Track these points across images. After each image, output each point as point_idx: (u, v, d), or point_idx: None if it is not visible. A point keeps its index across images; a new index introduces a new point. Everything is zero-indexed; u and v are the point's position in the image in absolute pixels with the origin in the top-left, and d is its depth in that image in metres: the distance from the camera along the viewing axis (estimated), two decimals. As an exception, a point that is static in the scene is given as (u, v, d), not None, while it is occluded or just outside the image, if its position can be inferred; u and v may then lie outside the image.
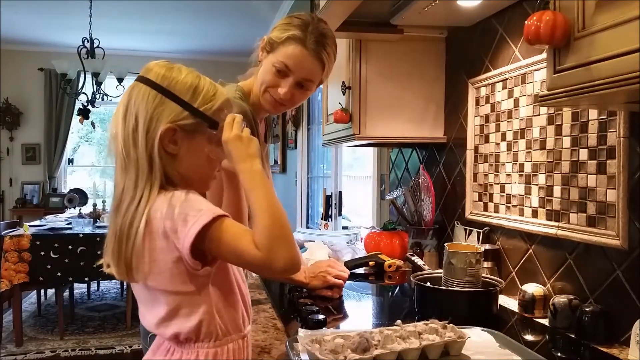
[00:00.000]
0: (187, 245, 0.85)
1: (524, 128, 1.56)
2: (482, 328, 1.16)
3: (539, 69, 1.48)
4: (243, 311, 0.99)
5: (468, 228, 1.83)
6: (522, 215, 1.56)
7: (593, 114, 1.28)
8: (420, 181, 2.09)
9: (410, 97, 2.05)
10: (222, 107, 0.97)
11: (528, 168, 1.54)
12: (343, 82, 2.05)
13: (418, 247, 2.03)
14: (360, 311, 1.57)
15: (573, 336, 1.22)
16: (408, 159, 2.46)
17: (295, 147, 5.19)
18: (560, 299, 1.28)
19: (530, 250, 1.54)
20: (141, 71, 0.95)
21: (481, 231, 1.74)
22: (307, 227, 4.60)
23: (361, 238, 2.53)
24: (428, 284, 1.41)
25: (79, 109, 5.46)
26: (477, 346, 1.07)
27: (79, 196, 6.41)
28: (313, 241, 2.24)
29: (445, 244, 1.43)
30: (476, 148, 1.83)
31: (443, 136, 2.07)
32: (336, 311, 1.44)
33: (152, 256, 0.88)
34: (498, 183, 1.69)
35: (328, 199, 3.78)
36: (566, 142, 1.38)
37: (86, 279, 4.45)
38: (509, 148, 1.64)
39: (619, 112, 1.19)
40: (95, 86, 5.23)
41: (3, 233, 4.17)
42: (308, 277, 1.55)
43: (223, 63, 7.02)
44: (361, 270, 1.93)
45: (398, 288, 1.83)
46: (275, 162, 5.97)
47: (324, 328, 1.20)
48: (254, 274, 1.70)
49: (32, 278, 4.01)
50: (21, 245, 4.00)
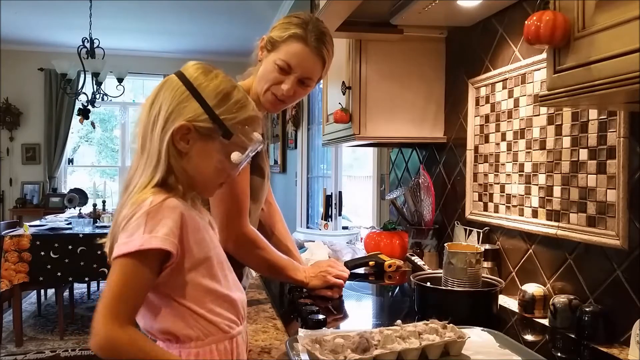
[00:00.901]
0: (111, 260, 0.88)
1: (524, 128, 1.56)
2: (482, 328, 1.16)
3: (539, 69, 1.48)
4: (230, 314, 0.98)
5: (468, 228, 1.83)
6: (522, 215, 1.56)
7: (593, 114, 1.28)
8: (420, 181, 2.09)
9: (410, 97, 2.05)
10: (247, 123, 0.96)
11: (528, 168, 1.54)
12: (343, 82, 2.06)
13: (418, 247, 2.03)
14: (360, 311, 1.57)
15: (573, 336, 1.22)
16: (408, 159, 2.46)
17: (295, 147, 5.19)
18: (560, 299, 1.28)
19: (530, 250, 1.54)
20: (182, 67, 0.99)
21: (481, 231, 1.74)
22: (307, 227, 4.60)
23: (361, 238, 2.53)
24: (428, 284, 1.41)
25: (79, 109, 5.46)
26: (477, 346, 1.07)
27: (79, 196, 6.42)
28: (313, 241, 2.24)
29: (445, 244, 1.43)
30: (476, 148, 1.83)
31: (443, 136, 2.07)
32: (336, 311, 1.44)
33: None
34: (498, 183, 1.69)
35: (328, 199, 3.78)
36: (566, 142, 1.38)
37: (86, 279, 4.44)
38: (509, 148, 1.64)
39: (619, 112, 1.19)
40: (95, 86, 5.23)
41: (3, 233, 4.17)
42: (308, 277, 1.54)
43: (223, 63, 6.94)
44: (361, 270, 1.93)
45: (398, 288, 1.83)
46: (275, 162, 5.97)
47: (324, 328, 1.19)
48: (254, 273, 1.70)
49: (32, 278, 4.01)
50: (21, 245, 4.00)
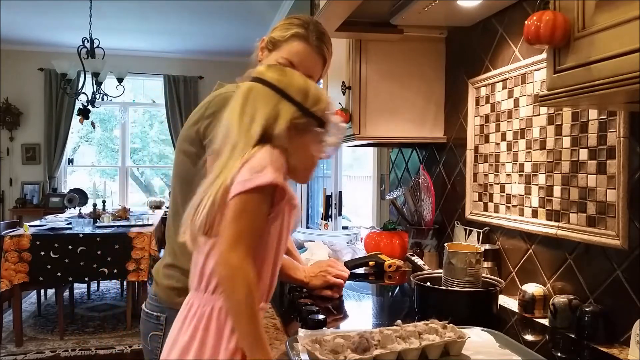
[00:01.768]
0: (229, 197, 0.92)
1: (524, 128, 1.56)
2: (482, 328, 1.16)
3: (539, 69, 1.48)
4: (265, 285, 0.99)
5: (468, 228, 1.83)
6: (522, 215, 1.56)
7: (593, 114, 1.28)
8: (420, 181, 2.09)
9: (410, 97, 2.05)
10: (329, 109, 1.05)
11: (528, 168, 1.54)
12: (343, 82, 2.06)
13: (418, 247, 2.03)
14: (360, 311, 1.57)
15: (573, 336, 1.22)
16: (408, 159, 2.46)
17: (295, 147, 5.17)
18: (560, 299, 1.28)
19: (530, 250, 1.54)
20: (253, 74, 1.04)
21: (481, 231, 1.74)
22: (307, 227, 4.60)
23: (361, 238, 2.53)
24: (428, 284, 1.41)
25: (79, 109, 5.45)
26: (477, 346, 1.07)
27: (79, 196, 6.42)
28: (313, 241, 2.24)
29: (445, 244, 1.43)
30: (476, 148, 1.83)
31: (443, 136, 2.07)
32: (336, 311, 1.44)
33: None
34: (498, 183, 1.69)
35: (328, 199, 3.78)
36: (566, 142, 1.38)
37: (86, 279, 4.44)
38: (509, 148, 1.64)
39: (619, 112, 1.19)
40: (95, 86, 5.23)
41: (3, 233, 4.17)
42: (308, 277, 1.55)
43: (223, 63, 7.03)
44: (361, 270, 1.93)
45: (398, 288, 1.82)
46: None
47: (324, 328, 1.19)
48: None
49: (32, 278, 4.01)
50: (21, 245, 3.99)
